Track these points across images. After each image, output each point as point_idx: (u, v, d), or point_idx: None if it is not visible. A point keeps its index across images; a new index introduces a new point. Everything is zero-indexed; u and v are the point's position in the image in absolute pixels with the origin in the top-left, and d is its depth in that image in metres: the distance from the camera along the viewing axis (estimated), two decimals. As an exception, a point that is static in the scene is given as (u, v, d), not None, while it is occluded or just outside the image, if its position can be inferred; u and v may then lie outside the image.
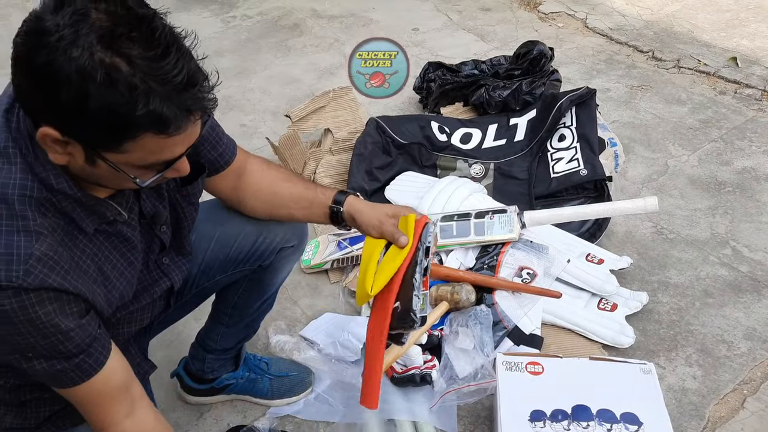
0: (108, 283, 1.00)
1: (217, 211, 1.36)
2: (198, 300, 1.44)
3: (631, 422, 1.27)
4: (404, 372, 1.57)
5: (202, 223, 1.33)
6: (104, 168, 0.87)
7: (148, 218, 1.08)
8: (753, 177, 2.23)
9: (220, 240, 1.34)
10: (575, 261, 1.80)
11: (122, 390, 1.03)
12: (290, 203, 1.31)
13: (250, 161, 1.31)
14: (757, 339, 1.67)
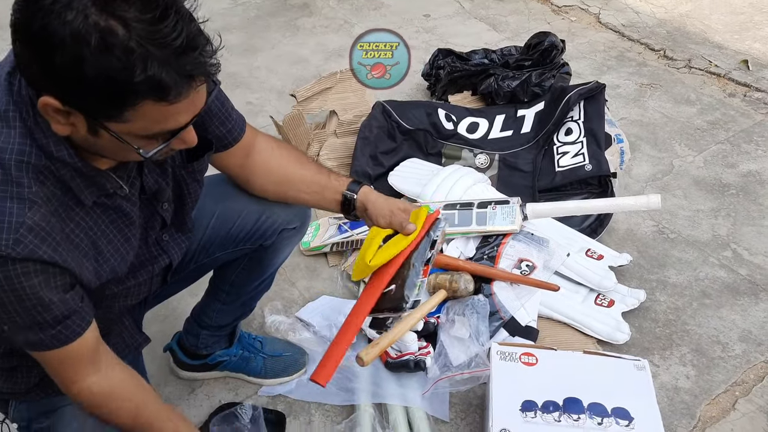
0: (100, 258, 0.98)
1: (220, 187, 1.34)
2: (196, 276, 1.44)
3: (622, 417, 1.27)
4: (398, 357, 1.57)
5: (204, 199, 1.30)
6: (107, 138, 0.85)
7: (149, 194, 1.06)
8: (758, 181, 2.22)
9: (222, 217, 1.33)
10: (575, 255, 1.79)
11: (92, 352, 1.01)
12: (301, 186, 1.29)
13: (260, 139, 1.29)
14: (752, 342, 1.67)
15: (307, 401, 1.55)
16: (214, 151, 1.20)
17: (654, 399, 1.31)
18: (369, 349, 1.46)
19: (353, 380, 1.55)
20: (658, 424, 1.26)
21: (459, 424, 1.50)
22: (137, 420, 1.06)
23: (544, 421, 1.29)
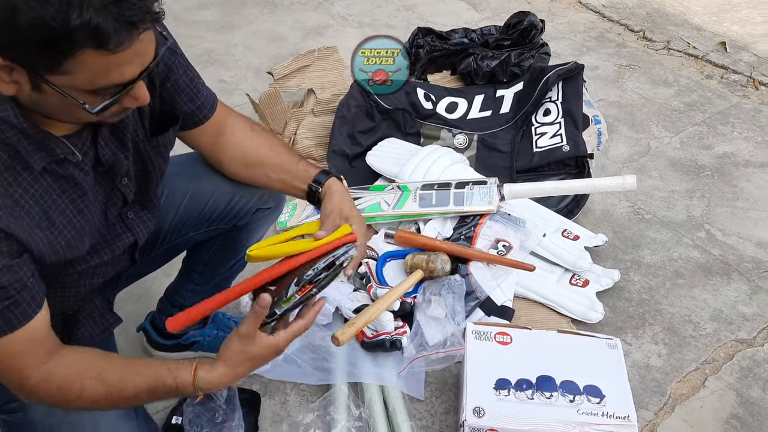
0: (53, 229, 0.94)
1: (192, 165, 1.32)
2: (168, 256, 1.42)
3: (594, 394, 1.29)
4: (374, 337, 1.57)
5: (176, 177, 1.29)
6: (51, 95, 0.82)
7: (106, 167, 1.02)
8: (732, 162, 2.24)
9: (194, 196, 1.31)
10: (551, 236, 1.80)
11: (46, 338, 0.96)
12: (270, 172, 1.27)
13: (232, 119, 1.27)
14: (723, 321, 1.70)
15: (283, 381, 1.54)
16: (183, 128, 1.18)
17: (625, 377, 1.33)
18: (345, 329, 1.46)
19: (329, 360, 1.55)
20: (628, 401, 1.28)
21: (434, 403, 1.50)
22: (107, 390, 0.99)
23: (518, 399, 1.30)
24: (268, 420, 1.47)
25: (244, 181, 1.29)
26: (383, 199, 1.85)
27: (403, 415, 1.43)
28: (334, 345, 1.45)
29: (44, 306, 0.94)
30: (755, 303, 1.75)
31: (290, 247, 1.10)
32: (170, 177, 1.27)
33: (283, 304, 1.04)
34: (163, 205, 1.26)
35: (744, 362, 1.59)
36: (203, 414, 1.39)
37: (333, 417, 1.37)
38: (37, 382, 0.95)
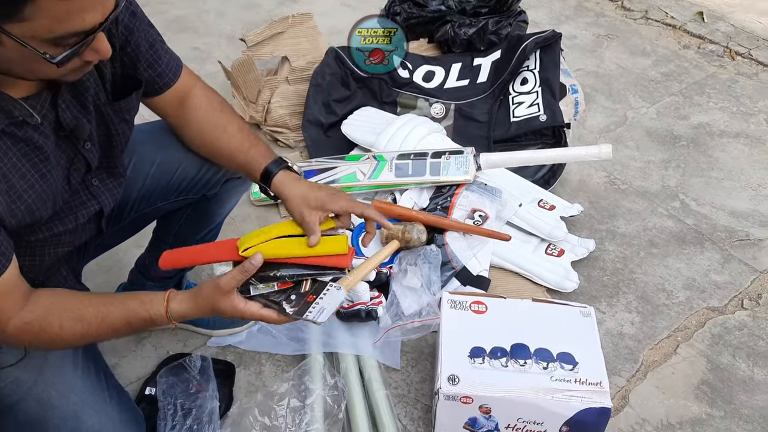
0: (12, 192, 0.92)
1: (161, 134, 1.29)
2: (137, 226, 1.39)
3: (567, 362, 1.29)
4: (350, 307, 1.56)
5: (143, 145, 1.27)
6: (10, 46, 0.79)
7: (68, 130, 0.99)
8: (707, 132, 2.25)
9: (162, 165, 1.28)
10: (527, 206, 1.80)
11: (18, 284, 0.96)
12: (222, 159, 1.25)
13: (197, 91, 1.23)
14: (695, 289, 1.71)
15: (258, 351, 1.53)
16: (145, 95, 1.15)
17: (598, 344, 1.34)
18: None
19: (304, 330, 1.54)
20: (601, 368, 1.29)
21: (410, 372, 1.51)
22: (84, 327, 1.00)
23: (492, 367, 1.30)
24: (243, 390, 1.46)
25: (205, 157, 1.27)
26: (359, 169, 1.83)
27: (379, 384, 1.43)
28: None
29: (13, 260, 0.94)
30: (727, 271, 1.77)
31: (282, 250, 1.10)
32: (138, 145, 1.25)
33: (260, 286, 1.06)
34: (130, 174, 1.23)
35: (715, 329, 1.61)
36: (177, 384, 1.39)
37: (308, 386, 1.37)
38: (16, 326, 0.96)
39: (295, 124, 2.09)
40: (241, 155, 1.21)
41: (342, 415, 1.33)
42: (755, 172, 2.09)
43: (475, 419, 1.31)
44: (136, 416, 1.22)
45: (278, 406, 1.33)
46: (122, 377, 1.47)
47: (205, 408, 1.34)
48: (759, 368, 1.53)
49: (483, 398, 1.27)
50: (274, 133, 2.12)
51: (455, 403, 1.28)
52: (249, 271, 1.03)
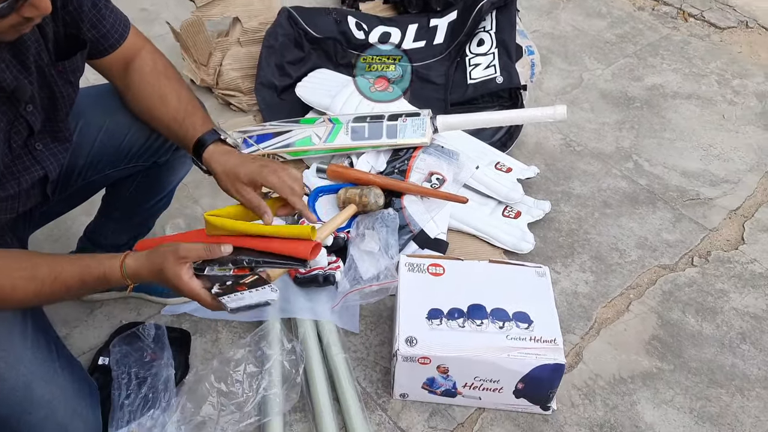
0: None
1: (109, 97, 1.24)
2: (86, 194, 1.35)
3: (522, 320, 1.31)
4: (307, 273, 1.55)
5: (90, 110, 1.22)
6: None
7: (7, 91, 0.95)
8: (661, 94, 2.28)
9: (110, 131, 1.24)
10: (484, 168, 1.80)
11: None
12: (159, 127, 1.20)
13: (144, 54, 1.19)
14: (647, 248, 1.75)
15: (214, 319, 1.51)
16: (89, 56, 1.11)
17: (552, 303, 1.36)
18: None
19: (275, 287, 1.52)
20: (555, 325, 1.31)
21: (369, 335, 1.51)
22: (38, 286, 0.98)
23: (449, 328, 1.31)
24: (199, 358, 1.44)
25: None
26: (314, 133, 1.80)
27: (338, 348, 1.43)
28: (266, 282, 1.43)
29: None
30: (678, 230, 1.81)
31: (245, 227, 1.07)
32: (85, 109, 1.21)
33: (216, 268, 1.03)
34: (76, 140, 1.19)
35: (666, 287, 1.65)
36: (131, 353, 1.36)
37: (265, 352, 1.36)
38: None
39: (248, 87, 2.03)
40: (176, 125, 1.16)
41: (300, 379, 1.33)
42: (706, 133, 2.13)
43: (433, 379, 1.32)
44: (89, 386, 1.19)
45: (235, 372, 1.32)
46: (74, 348, 1.44)
47: (161, 376, 1.32)
48: (707, 323, 1.57)
49: (440, 358, 1.28)
50: (226, 96, 2.07)
51: (413, 364, 1.29)
52: (214, 254, 1.02)
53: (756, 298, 1.64)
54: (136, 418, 1.26)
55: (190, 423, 1.27)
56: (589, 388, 1.42)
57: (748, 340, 1.54)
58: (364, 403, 1.35)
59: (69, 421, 1.11)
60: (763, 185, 1.96)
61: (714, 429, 1.37)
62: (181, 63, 2.20)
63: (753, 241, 1.79)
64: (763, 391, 1.44)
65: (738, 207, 1.88)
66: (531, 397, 1.34)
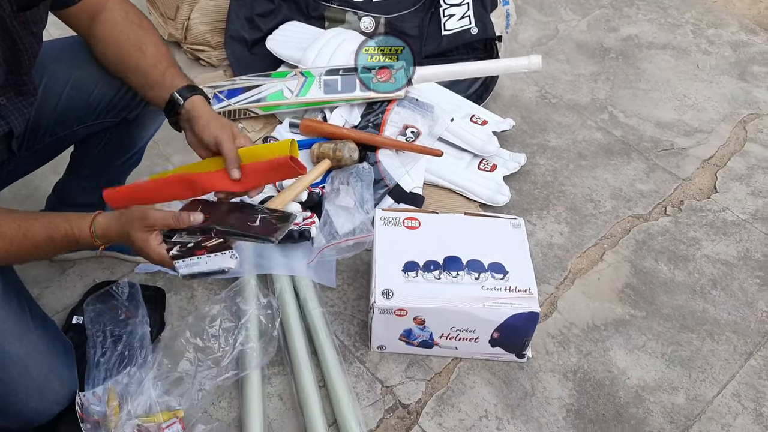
0: None
1: (76, 50, 1.20)
2: (54, 151, 1.31)
3: (498, 271, 1.32)
4: (282, 228, 1.53)
5: (56, 64, 1.18)
6: None
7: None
8: (636, 45, 2.27)
9: (77, 85, 1.20)
10: (459, 121, 1.78)
11: None
12: (133, 77, 1.16)
13: (112, 4, 1.14)
14: (621, 198, 1.76)
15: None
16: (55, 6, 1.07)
17: (527, 253, 1.37)
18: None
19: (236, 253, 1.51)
20: (529, 275, 1.32)
21: (346, 290, 1.51)
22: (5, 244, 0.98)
23: (425, 280, 1.32)
24: (175, 315, 1.44)
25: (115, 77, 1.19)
26: (286, 86, 1.77)
27: (315, 303, 1.43)
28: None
29: None
30: (652, 180, 1.82)
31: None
32: (50, 63, 1.17)
33: (185, 234, 1.03)
34: (42, 95, 1.15)
35: (639, 236, 1.67)
36: (105, 312, 1.35)
37: (241, 307, 1.35)
38: None
39: (217, 42, 1.98)
40: (156, 72, 1.13)
41: (277, 333, 1.33)
42: (680, 83, 2.13)
43: (410, 330, 1.33)
44: (64, 344, 1.18)
45: (210, 327, 1.31)
46: (47, 308, 1.41)
47: (136, 333, 1.31)
48: (679, 270, 1.60)
49: (416, 310, 1.29)
50: (195, 51, 2.02)
51: (390, 316, 1.30)
52: (183, 222, 1.01)
53: (727, 245, 1.67)
54: (112, 376, 1.25)
55: (167, 379, 1.27)
56: (563, 336, 1.45)
57: (719, 286, 1.57)
58: (342, 356, 1.36)
59: (44, 379, 1.10)
60: (736, 135, 1.97)
61: (685, 372, 1.40)
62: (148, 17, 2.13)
63: (725, 190, 1.81)
64: (732, 335, 1.47)
65: (711, 156, 1.90)
66: (506, 346, 1.35)
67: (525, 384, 1.36)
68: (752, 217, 1.74)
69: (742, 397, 1.36)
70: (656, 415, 1.32)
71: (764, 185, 1.82)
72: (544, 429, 1.29)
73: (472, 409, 1.31)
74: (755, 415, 1.34)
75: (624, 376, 1.39)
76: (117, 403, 1.22)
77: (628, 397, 1.35)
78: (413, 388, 1.34)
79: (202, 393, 1.26)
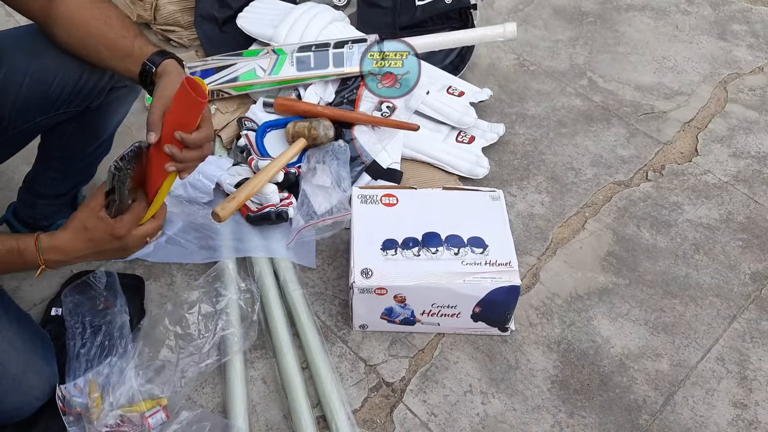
0: None
1: (33, 39, 1.16)
2: (19, 143, 1.29)
3: (477, 245, 1.31)
4: (259, 211, 1.52)
5: (14, 53, 1.15)
6: None
7: None
8: (614, 7, 2.23)
9: (36, 75, 1.16)
10: (435, 94, 1.76)
11: None
12: (103, 51, 1.11)
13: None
14: (602, 165, 1.75)
15: (167, 263, 1.48)
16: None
17: (507, 226, 1.36)
18: (225, 203, 1.41)
19: (214, 237, 1.50)
20: (510, 248, 1.31)
21: (326, 270, 1.50)
22: None
23: (405, 257, 1.30)
24: (155, 303, 1.42)
25: (81, 58, 1.14)
26: (258, 65, 1.73)
27: (295, 284, 1.41)
28: (216, 222, 1.40)
29: None
30: (633, 146, 1.80)
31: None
32: (7, 53, 1.14)
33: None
34: (2, 86, 1.13)
35: (621, 203, 1.66)
36: (83, 302, 1.34)
37: (220, 292, 1.34)
38: None
39: (188, 21, 1.94)
40: (125, 42, 1.09)
41: (257, 316, 1.32)
42: (660, 45, 2.10)
43: (391, 309, 1.33)
44: (42, 338, 1.18)
45: (190, 314, 1.30)
46: (25, 300, 1.41)
47: (116, 323, 1.30)
48: (661, 236, 1.59)
49: (397, 288, 1.28)
50: (165, 32, 1.97)
51: (370, 295, 1.29)
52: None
53: (709, 208, 1.66)
54: (93, 367, 1.24)
55: (149, 367, 1.26)
56: (546, 308, 1.44)
57: (702, 250, 1.57)
58: (324, 337, 1.35)
59: (22, 375, 1.09)
60: (716, 96, 1.96)
61: (669, 338, 1.40)
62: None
63: (706, 152, 1.80)
64: (715, 299, 1.47)
65: (692, 119, 1.88)
66: (489, 320, 1.35)
67: (509, 357, 1.36)
68: (734, 179, 1.73)
69: (726, 360, 1.37)
70: (640, 383, 1.33)
71: (745, 146, 1.82)
72: (529, 401, 1.29)
73: (457, 384, 1.31)
74: (739, 378, 1.34)
75: (608, 345, 1.39)
76: (99, 394, 1.21)
77: (612, 366, 1.35)
78: (396, 366, 1.33)
79: (185, 380, 1.25)
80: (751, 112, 1.91)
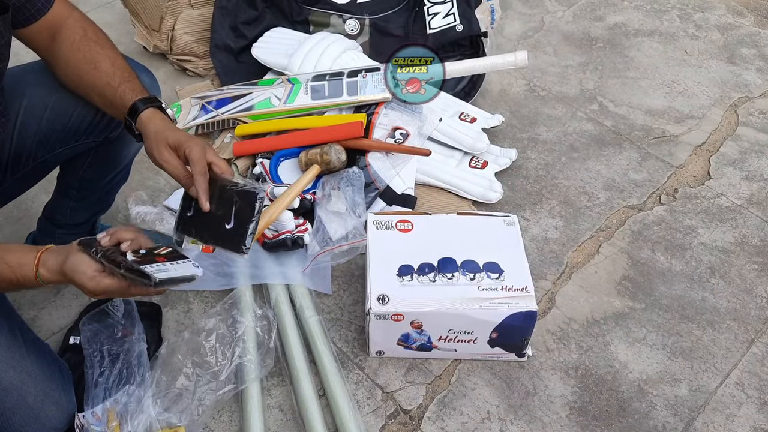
0: None
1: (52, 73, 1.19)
2: (40, 173, 1.31)
3: (493, 271, 1.31)
4: (275, 237, 1.53)
5: (35, 88, 1.18)
6: None
7: None
8: (623, 32, 2.26)
9: (56, 108, 1.19)
10: (448, 120, 1.78)
11: None
12: (94, 96, 1.14)
13: (72, 23, 1.13)
14: (615, 189, 1.75)
15: (184, 290, 1.49)
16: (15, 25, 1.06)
17: (522, 251, 1.36)
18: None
19: (230, 265, 1.50)
20: (525, 273, 1.31)
21: (342, 296, 1.50)
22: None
23: (421, 283, 1.31)
24: (172, 330, 1.43)
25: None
26: (273, 94, 1.76)
27: (311, 311, 1.42)
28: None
29: None
30: (645, 169, 1.81)
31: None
32: (28, 87, 1.17)
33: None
34: (22, 119, 1.15)
35: (635, 227, 1.66)
36: (102, 331, 1.34)
37: (236, 319, 1.35)
38: None
39: (203, 51, 1.97)
40: (110, 91, 1.11)
41: (273, 344, 1.32)
42: (669, 69, 2.12)
43: (408, 335, 1.33)
44: (60, 368, 1.18)
45: (207, 342, 1.31)
46: (43, 329, 1.42)
47: (134, 351, 1.31)
48: (676, 259, 1.59)
49: (413, 314, 1.28)
50: (181, 62, 2.00)
51: (387, 321, 1.29)
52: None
53: (723, 231, 1.66)
54: (111, 395, 1.25)
55: (166, 396, 1.27)
56: (563, 332, 1.44)
57: (717, 273, 1.56)
58: (340, 363, 1.35)
59: (40, 405, 1.10)
60: (727, 119, 1.96)
61: (686, 363, 1.39)
62: (132, 30, 2.12)
63: (719, 176, 1.80)
64: (732, 322, 1.46)
65: (703, 142, 1.89)
66: (506, 346, 1.35)
67: (526, 383, 1.35)
68: (747, 201, 1.73)
69: (746, 385, 1.36)
70: (660, 408, 1.32)
71: (758, 169, 1.82)
72: (548, 428, 1.28)
73: (474, 411, 1.31)
74: (760, 404, 1.33)
75: (626, 370, 1.38)
76: (117, 422, 1.21)
77: (630, 391, 1.34)
78: (414, 393, 1.33)
79: (202, 408, 1.25)
80: (762, 135, 1.92)
